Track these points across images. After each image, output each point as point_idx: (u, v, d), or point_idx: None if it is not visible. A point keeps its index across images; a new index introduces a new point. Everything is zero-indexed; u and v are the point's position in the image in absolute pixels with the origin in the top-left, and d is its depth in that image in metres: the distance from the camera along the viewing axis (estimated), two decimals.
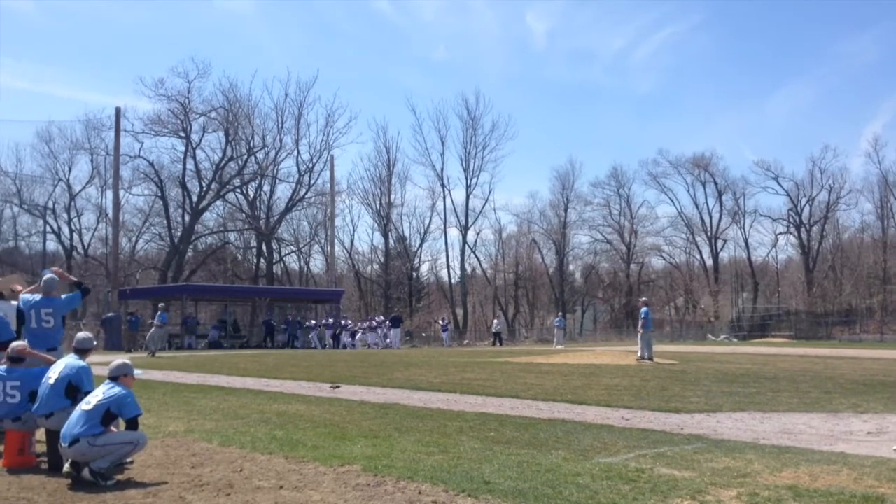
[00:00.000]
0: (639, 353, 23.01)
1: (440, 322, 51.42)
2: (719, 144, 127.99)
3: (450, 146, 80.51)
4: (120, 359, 7.36)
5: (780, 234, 72.52)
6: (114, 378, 6.84)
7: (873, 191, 68.63)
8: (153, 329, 28.10)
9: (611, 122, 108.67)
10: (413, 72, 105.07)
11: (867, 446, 8.14)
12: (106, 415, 6.58)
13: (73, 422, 6.53)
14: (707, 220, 72.83)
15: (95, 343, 8.17)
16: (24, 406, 7.26)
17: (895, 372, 19.46)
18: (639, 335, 23.81)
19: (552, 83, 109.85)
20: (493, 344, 45.85)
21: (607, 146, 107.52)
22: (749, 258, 72.31)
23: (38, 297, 8.70)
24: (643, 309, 23.79)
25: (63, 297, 9.00)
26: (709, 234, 72.82)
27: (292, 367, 20.86)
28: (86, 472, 6.30)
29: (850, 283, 67.76)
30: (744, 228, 72.23)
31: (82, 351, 7.56)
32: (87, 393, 6.92)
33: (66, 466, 6.45)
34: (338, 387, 14.72)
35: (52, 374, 7.21)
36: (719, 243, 73.16)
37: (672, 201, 76.75)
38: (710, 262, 73.11)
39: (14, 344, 7.86)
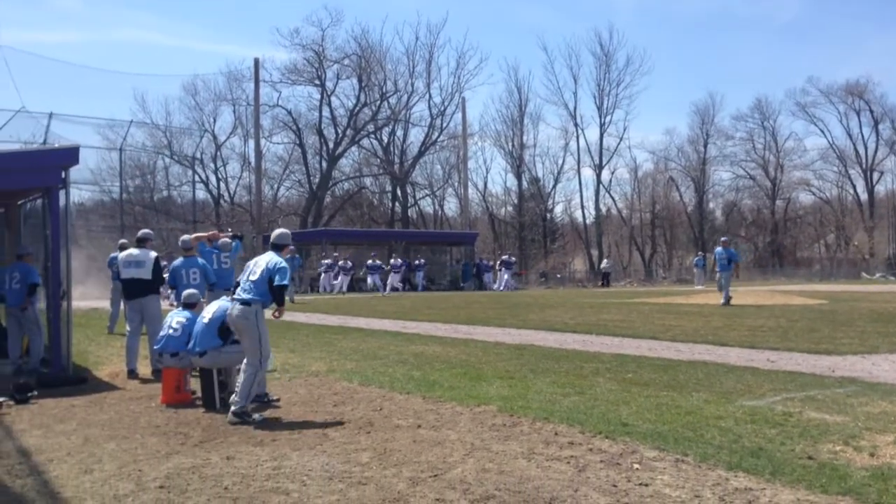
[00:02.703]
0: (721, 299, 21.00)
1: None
2: (875, 70, 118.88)
3: (582, 84, 78.63)
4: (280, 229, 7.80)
5: None
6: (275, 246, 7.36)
7: None
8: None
9: (753, 51, 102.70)
10: (542, 9, 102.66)
11: None
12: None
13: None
14: (862, 151, 68.10)
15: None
16: (184, 343, 7.76)
17: None
18: (717, 278, 21.98)
19: (688, 14, 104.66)
20: (602, 285, 44.92)
21: (749, 77, 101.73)
22: None
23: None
24: (719, 249, 22.02)
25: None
26: (864, 166, 68.15)
27: (428, 310, 21.24)
28: (231, 417, 6.66)
29: None
30: None
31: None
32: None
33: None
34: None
35: (207, 314, 7.63)
36: (875, 176, 68.40)
37: (822, 132, 71.96)
38: (864, 197, 68.59)
39: (186, 292, 8.61)
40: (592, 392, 7.64)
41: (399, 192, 62.88)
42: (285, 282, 6.91)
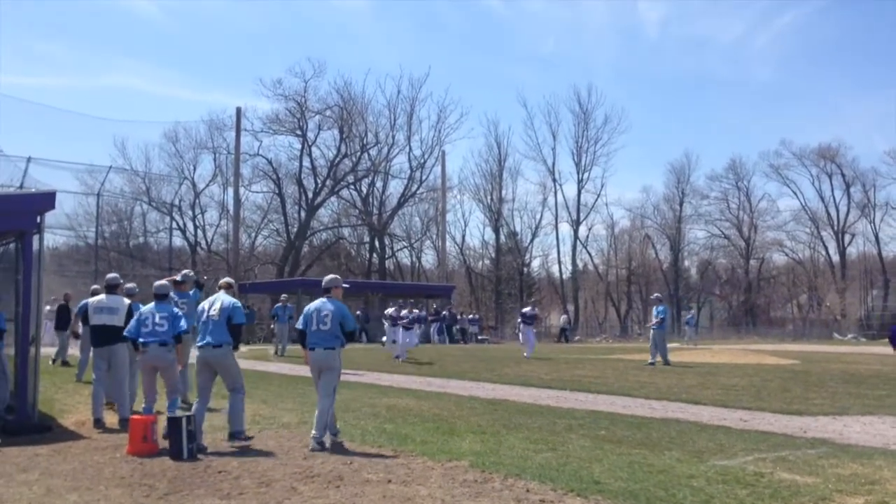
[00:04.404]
0: (650, 358, 20.47)
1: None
2: (847, 135, 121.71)
3: (561, 140, 79.36)
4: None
5: None
6: (326, 290, 8.27)
7: None
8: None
9: (728, 113, 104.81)
10: (523, 66, 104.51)
11: None
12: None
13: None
14: (833, 213, 69.29)
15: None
16: (172, 335, 8.42)
17: None
18: (651, 335, 21.17)
19: (666, 74, 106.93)
20: (559, 341, 44.76)
21: (725, 138, 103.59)
22: (879, 253, 68.40)
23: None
24: (659, 307, 21.35)
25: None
26: (835, 228, 69.28)
27: (402, 363, 21.10)
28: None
29: None
30: (874, 222, 68.31)
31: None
32: (238, 325, 8.14)
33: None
34: None
35: (214, 310, 8.08)
36: (847, 238, 69.52)
37: (795, 194, 73.22)
38: (836, 258, 69.57)
39: (157, 283, 9.10)
40: (565, 449, 7.60)
41: (377, 243, 62.95)
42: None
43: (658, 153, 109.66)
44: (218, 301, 8.14)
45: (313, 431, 7.76)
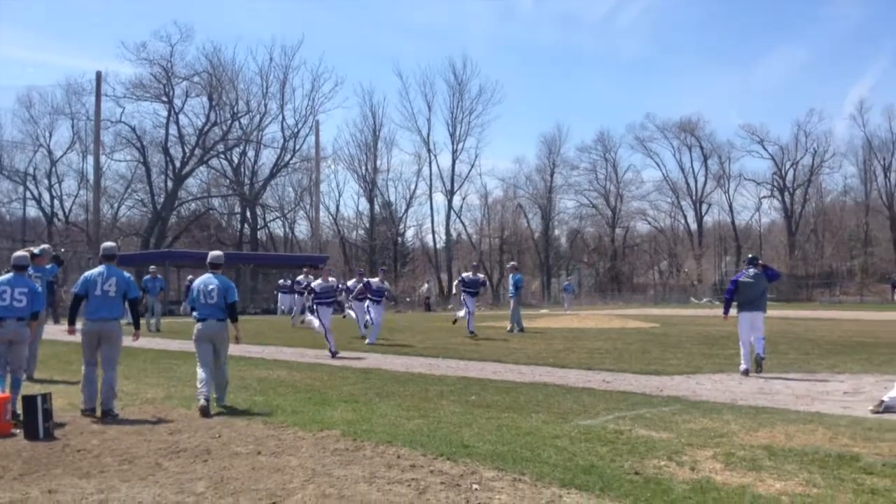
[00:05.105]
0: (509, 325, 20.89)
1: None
2: (706, 108, 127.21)
3: (436, 111, 79.99)
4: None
5: (764, 197, 72.77)
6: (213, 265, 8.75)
7: (857, 154, 69.08)
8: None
9: (598, 86, 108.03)
10: (399, 36, 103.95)
11: (843, 406, 8.22)
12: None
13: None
14: (692, 184, 72.94)
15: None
16: (30, 310, 8.11)
17: (873, 333, 19.68)
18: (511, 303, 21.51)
19: (539, 47, 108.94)
20: (427, 309, 45.22)
21: (594, 111, 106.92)
22: (733, 222, 72.60)
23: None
24: (515, 276, 21.91)
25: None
26: (693, 198, 72.94)
27: (276, 334, 20.83)
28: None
29: (832, 246, 68.33)
30: (728, 192, 72.43)
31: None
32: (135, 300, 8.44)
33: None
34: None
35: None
36: (704, 207, 73.37)
37: (658, 165, 76.78)
38: (694, 226, 73.35)
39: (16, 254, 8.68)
40: (436, 415, 7.72)
41: (249, 213, 61.56)
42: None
43: (531, 125, 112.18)
44: (113, 276, 8.24)
45: (209, 396, 8.27)
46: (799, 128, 69.71)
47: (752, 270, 11.63)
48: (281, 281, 37.86)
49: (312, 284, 15.85)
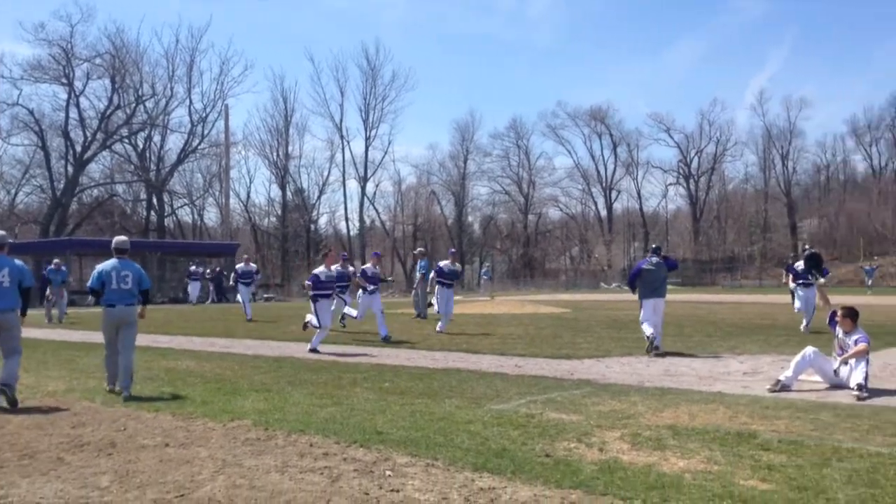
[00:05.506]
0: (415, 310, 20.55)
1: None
2: (616, 97, 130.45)
3: (349, 97, 79.30)
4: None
5: (671, 184, 75.09)
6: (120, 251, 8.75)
7: (757, 143, 71.96)
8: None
9: (511, 73, 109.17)
10: (310, 20, 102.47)
11: (743, 385, 8.55)
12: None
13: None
14: (602, 171, 74.71)
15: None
16: None
17: (771, 315, 20.56)
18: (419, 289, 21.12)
19: (452, 34, 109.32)
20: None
21: (507, 98, 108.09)
22: (641, 208, 74.69)
23: None
24: (421, 262, 21.56)
25: None
26: (604, 185, 74.67)
27: (183, 323, 20.35)
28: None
29: (734, 232, 71.03)
30: (637, 179, 74.48)
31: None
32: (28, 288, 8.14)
33: None
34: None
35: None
36: (613, 194, 75.21)
37: (569, 153, 78.72)
38: (604, 213, 75.13)
39: None
40: (350, 402, 7.69)
41: (155, 200, 59.83)
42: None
43: (444, 111, 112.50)
44: (6, 265, 8.03)
45: (110, 386, 8.60)
46: (703, 117, 72.31)
47: (654, 259, 12.44)
48: (192, 268, 36.94)
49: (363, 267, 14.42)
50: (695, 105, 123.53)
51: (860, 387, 7.72)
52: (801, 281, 15.45)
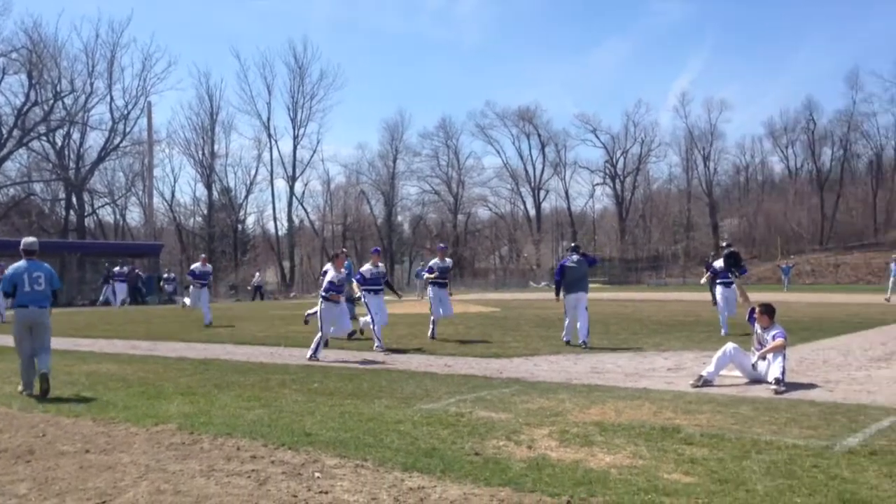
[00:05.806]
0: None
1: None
2: (543, 97, 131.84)
3: (276, 95, 78.17)
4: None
5: (597, 184, 76.42)
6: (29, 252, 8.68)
7: (680, 144, 73.83)
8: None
9: (440, 72, 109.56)
10: (236, 15, 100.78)
11: (667, 382, 8.76)
12: None
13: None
14: (531, 171, 75.58)
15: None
16: None
17: (694, 312, 21.11)
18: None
19: (381, 32, 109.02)
20: (253, 299, 44.31)
21: (436, 97, 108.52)
22: (569, 208, 75.82)
23: None
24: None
25: None
26: (532, 184, 75.55)
27: (105, 326, 19.81)
28: None
29: (658, 231, 72.71)
30: (564, 179, 75.59)
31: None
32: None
33: None
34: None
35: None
36: (542, 194, 76.17)
37: (498, 152, 79.55)
38: (532, 212, 75.97)
39: None
40: (278, 404, 7.60)
41: (75, 199, 58.01)
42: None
43: (373, 110, 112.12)
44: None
45: (27, 391, 8.46)
46: (628, 118, 73.92)
47: (575, 256, 13.03)
48: (116, 269, 35.85)
49: (361, 270, 13.26)
50: (621, 106, 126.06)
51: (778, 381, 8.00)
52: (720, 280, 15.86)
